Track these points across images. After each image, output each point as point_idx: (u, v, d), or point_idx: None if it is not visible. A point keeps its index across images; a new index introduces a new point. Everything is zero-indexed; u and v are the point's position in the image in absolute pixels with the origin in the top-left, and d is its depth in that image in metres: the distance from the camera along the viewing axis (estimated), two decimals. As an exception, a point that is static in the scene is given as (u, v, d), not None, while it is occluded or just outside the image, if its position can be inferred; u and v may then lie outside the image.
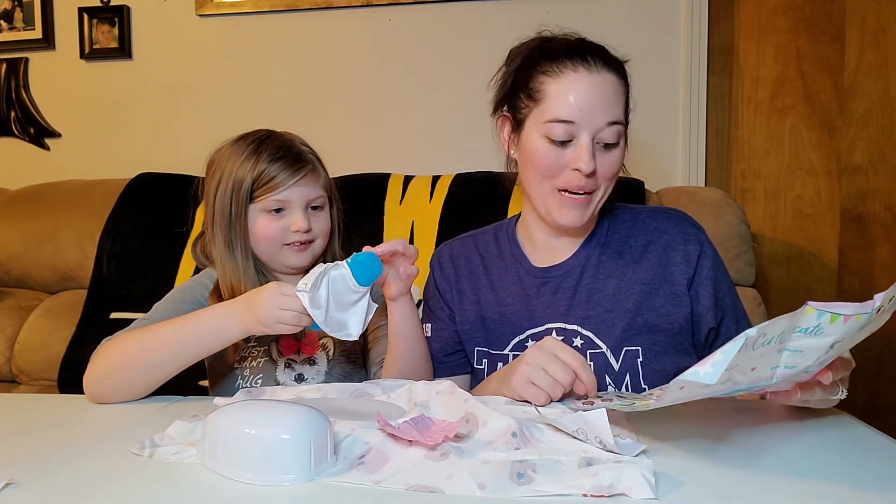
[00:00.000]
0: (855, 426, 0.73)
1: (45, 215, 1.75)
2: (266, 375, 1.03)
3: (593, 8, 1.82)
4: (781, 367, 0.61)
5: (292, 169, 1.01)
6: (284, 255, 1.03)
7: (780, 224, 1.89)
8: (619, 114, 0.90)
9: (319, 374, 1.05)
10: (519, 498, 0.55)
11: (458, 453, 0.62)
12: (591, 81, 0.88)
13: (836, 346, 0.60)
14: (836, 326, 0.57)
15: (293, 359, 1.05)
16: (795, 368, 0.62)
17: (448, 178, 1.60)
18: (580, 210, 0.92)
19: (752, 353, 0.58)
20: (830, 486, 0.58)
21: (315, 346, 1.05)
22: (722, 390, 0.61)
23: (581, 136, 0.88)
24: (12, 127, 2.12)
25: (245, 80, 2.00)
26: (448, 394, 0.76)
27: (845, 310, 0.56)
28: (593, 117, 0.88)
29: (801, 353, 0.60)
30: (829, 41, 1.83)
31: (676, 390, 0.61)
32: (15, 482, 0.60)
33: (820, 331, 0.58)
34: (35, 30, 2.07)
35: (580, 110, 0.87)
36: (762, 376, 0.62)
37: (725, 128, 1.88)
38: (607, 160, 0.90)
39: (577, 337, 0.95)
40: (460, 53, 1.88)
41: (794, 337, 0.58)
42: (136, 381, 0.89)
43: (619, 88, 0.91)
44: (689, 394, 0.63)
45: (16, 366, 1.63)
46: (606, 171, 0.91)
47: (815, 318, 0.57)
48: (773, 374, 0.62)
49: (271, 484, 0.59)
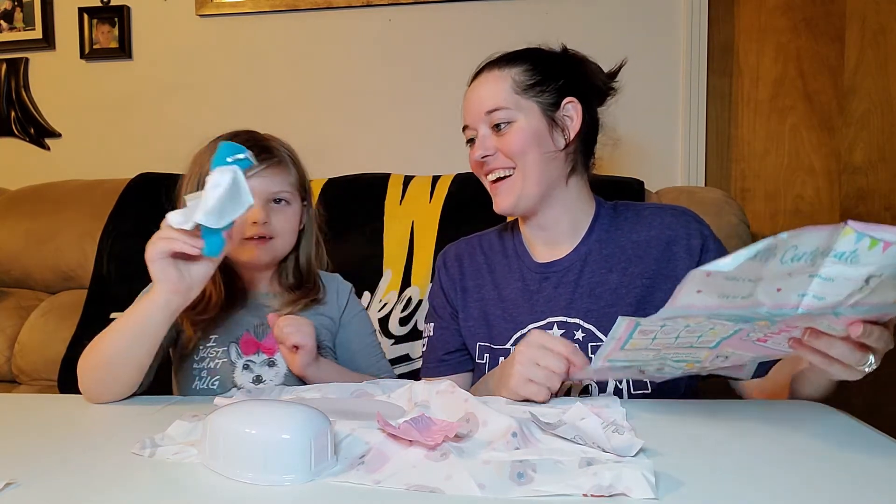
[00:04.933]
0: (855, 426, 0.73)
1: (45, 215, 1.75)
2: (224, 377, 1.01)
3: (593, 8, 1.82)
4: (810, 295, 0.57)
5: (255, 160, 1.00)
6: (242, 249, 1.01)
7: (780, 224, 1.89)
8: (497, 101, 0.99)
9: (279, 375, 1.03)
10: (519, 498, 0.55)
11: (458, 453, 0.62)
12: (475, 86, 1.03)
13: (873, 283, 0.55)
14: (875, 255, 0.53)
15: (252, 360, 1.03)
16: (824, 301, 0.57)
17: (448, 178, 1.60)
18: (505, 194, 1.00)
19: (779, 268, 0.54)
20: (830, 485, 0.58)
21: (276, 347, 1.03)
22: (743, 309, 0.57)
23: (479, 131, 1.01)
24: (12, 127, 2.12)
25: (245, 80, 2.00)
26: (448, 394, 0.76)
27: (887, 234, 0.52)
28: (476, 113, 1.01)
29: (833, 282, 0.55)
30: (829, 41, 1.83)
31: (693, 293, 0.58)
32: (15, 482, 0.59)
33: (856, 258, 0.53)
34: (35, 30, 2.07)
35: (468, 112, 1.03)
36: (787, 302, 0.58)
37: (725, 128, 1.88)
38: (503, 139, 0.99)
39: (578, 330, 0.96)
40: (460, 53, 1.88)
41: (827, 262, 0.54)
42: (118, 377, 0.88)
43: (500, 78, 1.00)
44: (706, 302, 0.59)
45: (16, 366, 1.63)
46: (507, 147, 0.98)
47: (853, 241, 0.52)
48: (798, 303, 0.58)
49: (271, 484, 0.58)
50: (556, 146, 0.99)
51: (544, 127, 0.98)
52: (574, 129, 1.00)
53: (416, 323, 1.48)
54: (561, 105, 0.99)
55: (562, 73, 1.01)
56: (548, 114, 0.99)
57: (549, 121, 0.99)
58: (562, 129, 0.99)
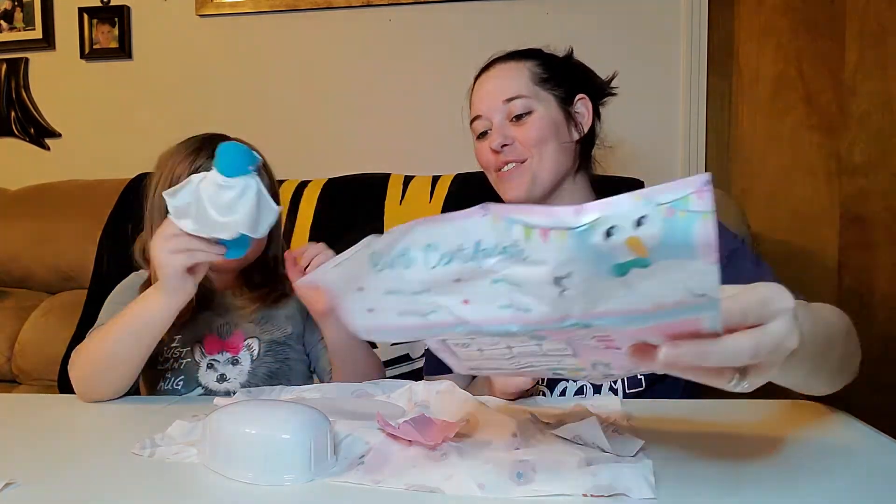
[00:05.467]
0: (855, 426, 0.73)
1: (45, 215, 1.75)
2: (188, 377, 1.02)
3: (593, 9, 1.81)
4: (510, 308, 0.42)
5: None
6: None
7: (780, 224, 1.89)
8: (517, 89, 0.99)
9: (242, 373, 1.03)
10: (519, 498, 0.55)
11: (458, 453, 0.62)
12: (487, 77, 1.03)
13: (571, 287, 0.40)
14: (537, 246, 0.40)
15: (216, 359, 1.03)
16: (531, 313, 0.42)
17: (448, 178, 1.60)
18: (516, 181, 0.99)
19: (428, 273, 0.42)
20: (830, 486, 0.58)
21: (240, 345, 1.04)
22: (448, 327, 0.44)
23: (493, 121, 1.00)
24: (12, 127, 2.12)
25: (245, 80, 2.00)
26: (448, 394, 0.77)
27: (534, 217, 0.39)
28: (493, 102, 1.00)
29: (522, 287, 0.41)
30: (829, 41, 1.83)
31: (365, 313, 0.50)
32: (15, 482, 0.59)
33: (520, 252, 0.40)
34: (35, 30, 2.07)
35: (482, 101, 1.02)
36: (496, 317, 0.42)
37: (725, 128, 1.88)
38: (523, 128, 0.99)
39: None
40: (460, 53, 1.88)
41: (492, 261, 0.41)
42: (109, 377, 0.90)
43: (517, 69, 1.00)
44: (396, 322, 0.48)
45: (16, 366, 1.64)
46: (525, 136, 0.98)
47: (502, 229, 0.39)
48: (511, 319, 0.42)
49: (271, 484, 0.58)
50: (571, 138, 1.01)
51: (561, 118, 1.01)
52: (587, 124, 1.03)
53: (416, 323, 1.48)
54: (574, 101, 1.03)
55: (570, 72, 1.04)
56: (563, 107, 1.01)
57: (565, 113, 1.01)
58: (575, 124, 1.02)
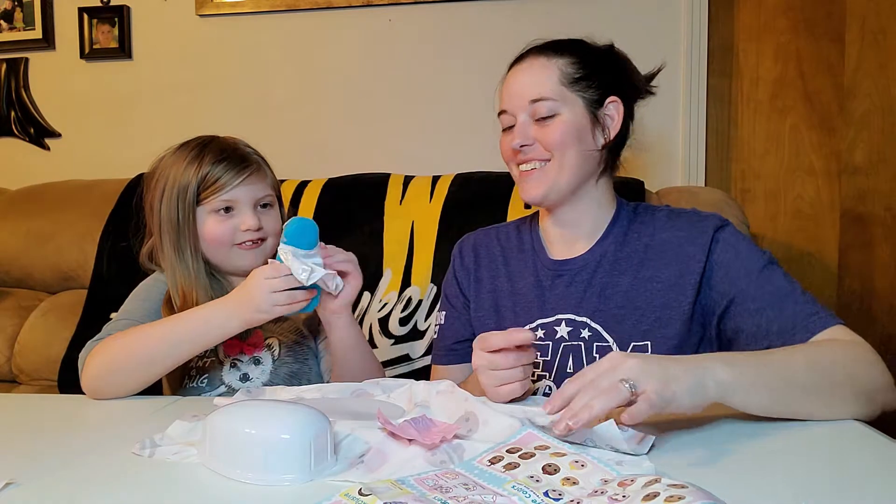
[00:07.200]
0: (856, 427, 0.73)
1: (45, 215, 1.75)
2: (212, 375, 1.04)
3: (593, 8, 1.82)
4: None
5: (237, 169, 1.02)
6: (235, 256, 1.04)
7: (780, 224, 1.89)
8: (543, 91, 0.97)
9: (265, 373, 1.05)
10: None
11: (457, 455, 0.62)
12: (519, 70, 1.00)
13: None
14: None
15: (238, 359, 1.05)
16: None
17: (448, 178, 1.60)
18: (534, 182, 0.99)
19: None
20: (831, 486, 0.58)
21: (260, 346, 1.06)
22: None
23: (518, 118, 0.99)
24: (12, 127, 2.12)
25: (245, 80, 2.00)
26: (448, 394, 0.77)
27: None
28: (519, 100, 0.98)
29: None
30: (829, 41, 1.83)
31: None
32: (15, 482, 0.59)
33: None
34: (35, 30, 2.07)
35: (509, 98, 1.00)
36: None
37: (725, 128, 1.88)
38: (544, 131, 0.97)
39: (585, 328, 0.96)
40: (460, 53, 1.89)
41: None
42: (137, 375, 0.93)
43: (548, 67, 0.98)
44: None
45: (16, 366, 1.64)
46: (546, 139, 0.97)
47: None
48: None
49: (271, 484, 0.59)
50: (595, 145, 0.98)
51: (587, 123, 0.98)
52: (615, 129, 0.99)
53: (415, 323, 1.48)
54: (604, 103, 0.99)
55: (607, 70, 1.00)
56: (591, 110, 0.98)
57: (592, 117, 0.98)
58: (602, 128, 0.99)
